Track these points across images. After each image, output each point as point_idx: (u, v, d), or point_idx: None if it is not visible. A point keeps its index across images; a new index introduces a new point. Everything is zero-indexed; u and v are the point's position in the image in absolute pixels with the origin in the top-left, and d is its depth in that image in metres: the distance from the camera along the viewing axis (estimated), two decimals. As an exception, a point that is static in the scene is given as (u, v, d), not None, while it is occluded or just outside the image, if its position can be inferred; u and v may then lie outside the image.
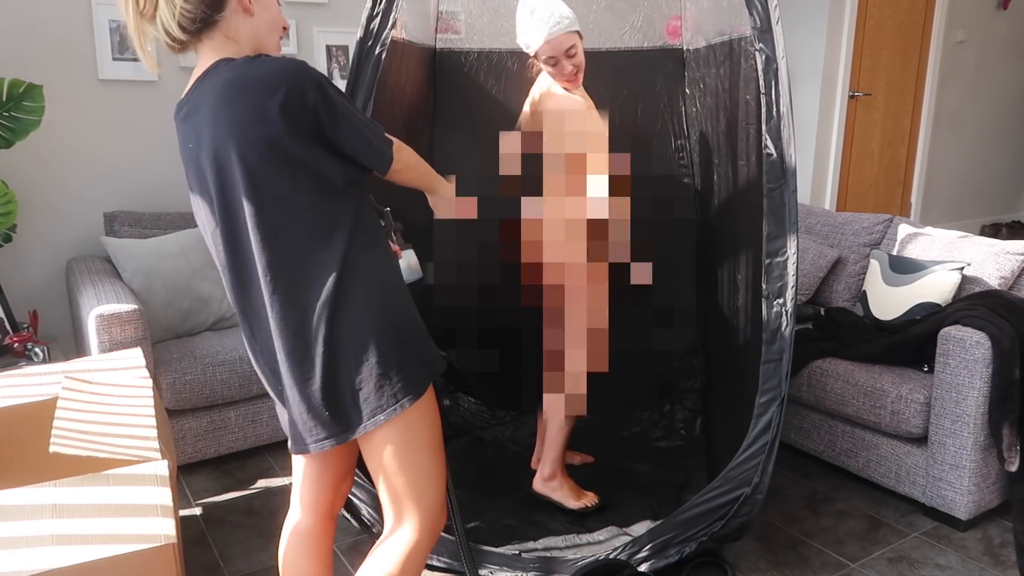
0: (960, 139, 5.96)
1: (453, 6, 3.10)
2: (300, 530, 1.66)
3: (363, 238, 1.43)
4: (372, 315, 1.41)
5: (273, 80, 1.31)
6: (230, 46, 1.40)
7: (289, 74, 1.32)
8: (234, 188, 1.36)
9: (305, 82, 1.32)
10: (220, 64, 1.36)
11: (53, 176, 3.18)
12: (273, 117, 1.30)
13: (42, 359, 2.80)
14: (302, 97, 1.31)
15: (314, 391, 1.41)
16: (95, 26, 3.16)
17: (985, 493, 2.47)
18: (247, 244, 1.40)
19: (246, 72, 1.33)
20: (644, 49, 3.08)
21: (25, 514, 1.54)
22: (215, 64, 1.37)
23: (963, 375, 2.39)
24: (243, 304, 1.47)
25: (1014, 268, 2.79)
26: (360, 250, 1.42)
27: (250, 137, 1.31)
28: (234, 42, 1.40)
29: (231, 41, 1.40)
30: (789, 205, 2.06)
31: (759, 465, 2.06)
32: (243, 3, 1.40)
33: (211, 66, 1.37)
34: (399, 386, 1.42)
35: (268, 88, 1.30)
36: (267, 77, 1.32)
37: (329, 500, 1.66)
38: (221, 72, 1.35)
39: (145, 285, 2.89)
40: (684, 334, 3.10)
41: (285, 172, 1.34)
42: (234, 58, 1.38)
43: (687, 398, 3.12)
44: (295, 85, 1.31)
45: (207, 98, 1.35)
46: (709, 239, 2.97)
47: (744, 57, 2.33)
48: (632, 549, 2.12)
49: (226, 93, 1.32)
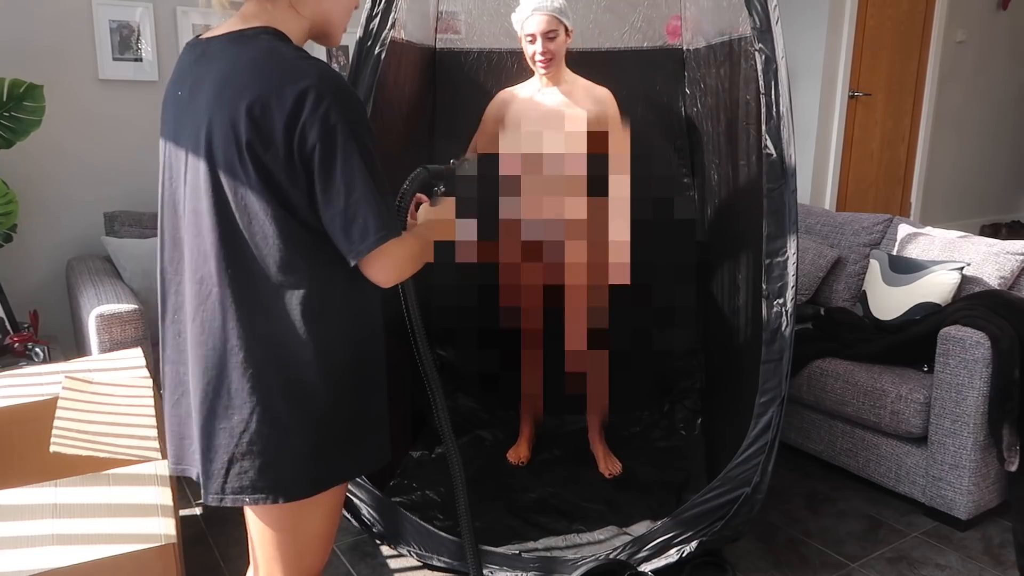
0: (960, 139, 5.96)
1: (453, 6, 3.10)
2: None
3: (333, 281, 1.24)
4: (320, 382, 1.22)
5: (292, 85, 1.12)
6: (288, 15, 1.22)
7: (315, 88, 1.12)
8: (198, 164, 1.18)
9: (326, 105, 1.12)
10: (259, 32, 1.18)
11: (53, 176, 3.18)
12: (272, 125, 1.13)
13: (42, 359, 2.80)
14: (308, 120, 1.12)
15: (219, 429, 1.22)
16: (95, 26, 3.16)
17: (985, 493, 2.47)
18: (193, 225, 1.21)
19: (271, 60, 1.15)
20: (644, 49, 3.08)
21: (25, 514, 1.54)
22: (257, 30, 1.19)
23: (963, 375, 2.39)
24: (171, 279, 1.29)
25: (1014, 268, 2.79)
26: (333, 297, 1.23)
27: (231, 127, 1.13)
28: (296, 13, 1.22)
29: (292, 11, 1.22)
30: (789, 205, 2.06)
31: (759, 465, 2.06)
32: None
33: (251, 29, 1.19)
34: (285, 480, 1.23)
35: (281, 91, 1.12)
36: (289, 79, 1.12)
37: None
38: (254, 43, 1.17)
39: (145, 285, 2.89)
40: (684, 334, 3.10)
41: (245, 178, 1.15)
42: (283, 34, 1.20)
43: (687, 398, 3.12)
44: (312, 101, 1.12)
45: (222, 62, 1.17)
46: (709, 239, 2.97)
47: (744, 57, 2.33)
48: (632, 549, 2.12)
49: (242, 73, 1.14)
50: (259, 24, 1.19)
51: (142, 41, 3.25)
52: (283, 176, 1.15)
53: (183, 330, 1.27)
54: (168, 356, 1.31)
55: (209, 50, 1.20)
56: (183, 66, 1.24)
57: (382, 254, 1.20)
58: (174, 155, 1.24)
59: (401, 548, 2.27)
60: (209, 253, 1.19)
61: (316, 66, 1.15)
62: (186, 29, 3.32)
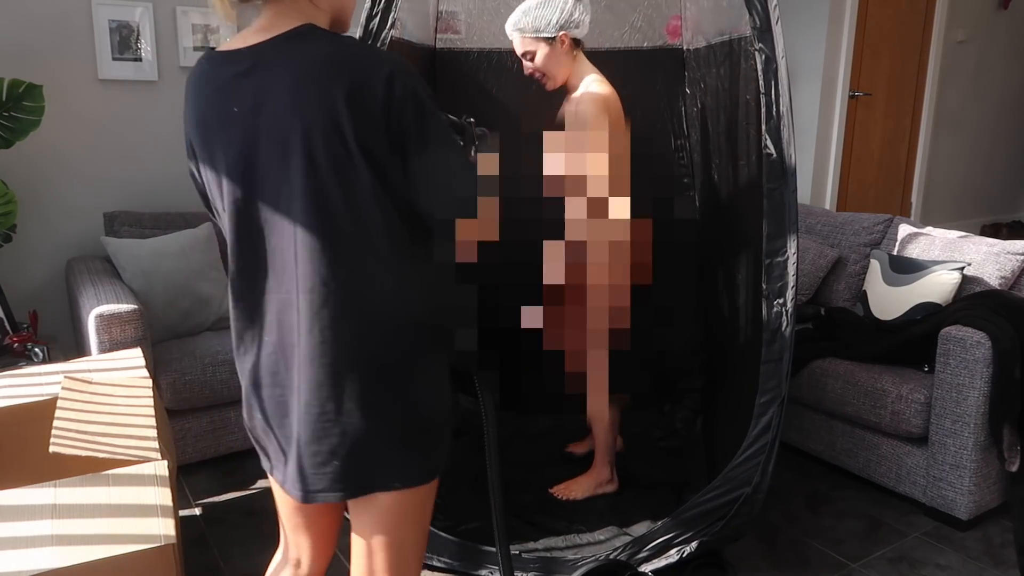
0: (960, 139, 5.96)
1: (453, 6, 3.09)
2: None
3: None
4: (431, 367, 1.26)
5: (378, 70, 1.13)
6: (310, 10, 1.21)
7: (396, 69, 1.14)
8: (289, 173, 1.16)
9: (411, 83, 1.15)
10: (309, 29, 1.17)
11: (53, 176, 3.18)
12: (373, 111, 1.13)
13: (42, 359, 2.80)
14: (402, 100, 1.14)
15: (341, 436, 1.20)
16: (95, 26, 3.15)
17: (985, 493, 2.47)
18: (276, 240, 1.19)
19: (347, 51, 1.15)
20: (644, 49, 3.07)
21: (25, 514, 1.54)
22: (304, 28, 1.17)
23: (963, 375, 2.38)
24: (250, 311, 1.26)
25: (1014, 268, 2.78)
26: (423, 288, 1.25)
27: (331, 123, 1.13)
28: (316, 8, 1.22)
29: (312, 5, 1.22)
30: (789, 205, 2.06)
31: (759, 465, 2.06)
32: None
33: (297, 28, 1.17)
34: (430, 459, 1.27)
35: (371, 77, 1.13)
36: (372, 64, 1.14)
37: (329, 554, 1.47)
38: (313, 39, 1.16)
39: (145, 285, 2.89)
40: (684, 334, 3.10)
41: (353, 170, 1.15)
42: (322, 27, 1.20)
43: (687, 398, 3.12)
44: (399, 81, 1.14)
45: (289, 63, 1.15)
46: (709, 239, 2.97)
47: (744, 57, 2.32)
48: (632, 549, 2.12)
49: (324, 67, 1.13)
50: (294, 24, 1.18)
51: (142, 41, 3.24)
52: (387, 161, 1.16)
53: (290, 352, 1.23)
54: (265, 382, 1.26)
55: (261, 59, 1.16)
56: (222, 82, 1.19)
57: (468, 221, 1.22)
58: (245, 173, 1.19)
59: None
60: (317, 260, 1.17)
61: (385, 53, 1.18)
62: (186, 29, 3.32)
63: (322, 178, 1.14)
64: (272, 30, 1.18)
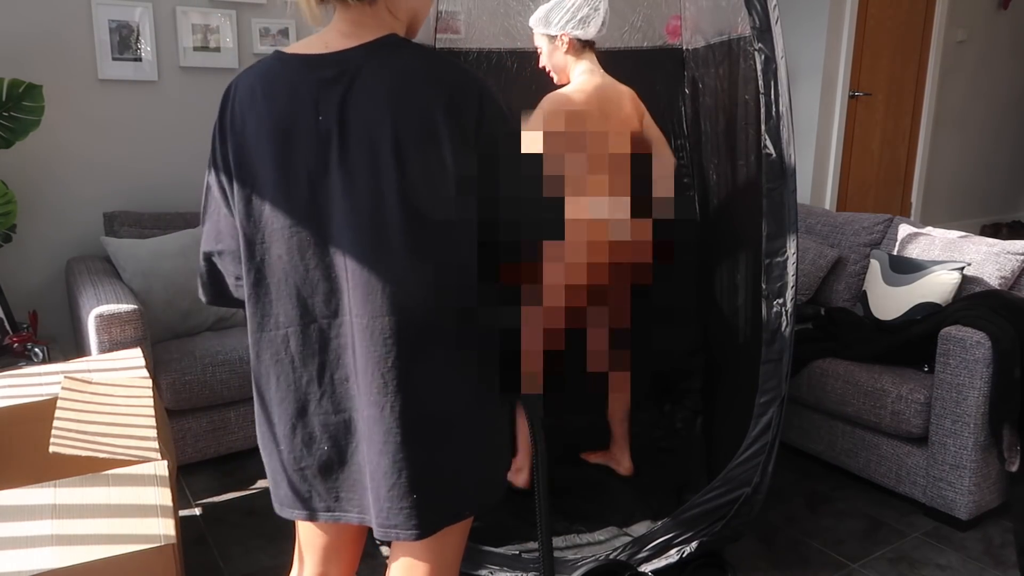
0: (960, 139, 5.96)
1: (453, 6, 3.09)
2: None
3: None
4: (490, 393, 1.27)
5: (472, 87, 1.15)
6: (390, 20, 1.20)
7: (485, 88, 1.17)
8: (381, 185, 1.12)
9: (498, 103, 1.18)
10: (397, 40, 1.17)
11: (53, 176, 3.18)
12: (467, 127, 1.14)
13: (42, 359, 2.80)
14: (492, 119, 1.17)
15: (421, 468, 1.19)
16: (95, 26, 3.15)
17: (985, 493, 2.47)
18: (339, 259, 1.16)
19: (442, 66, 1.15)
20: (644, 49, 3.07)
21: (25, 514, 1.54)
22: (391, 38, 1.17)
23: (963, 375, 2.38)
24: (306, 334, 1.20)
25: (1014, 268, 2.78)
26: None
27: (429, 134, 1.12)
28: (394, 17, 1.21)
29: (390, 15, 1.20)
30: (788, 205, 2.06)
31: (759, 465, 2.06)
32: None
33: (385, 38, 1.16)
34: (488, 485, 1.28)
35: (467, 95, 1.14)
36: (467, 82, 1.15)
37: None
38: (405, 51, 1.16)
39: (145, 285, 2.89)
40: (684, 334, 3.10)
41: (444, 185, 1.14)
42: (406, 38, 1.21)
43: (687, 398, 3.12)
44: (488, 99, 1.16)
45: (381, 73, 1.12)
46: (709, 239, 2.97)
47: (743, 57, 2.32)
48: (632, 549, 2.12)
49: (422, 81, 1.13)
50: (379, 34, 1.17)
51: (142, 41, 3.24)
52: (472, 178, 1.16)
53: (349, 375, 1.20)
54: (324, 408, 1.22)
55: (349, 66, 1.13)
56: (305, 86, 1.14)
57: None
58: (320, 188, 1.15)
59: (401, 548, 2.27)
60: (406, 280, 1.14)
61: (470, 69, 1.20)
62: (186, 29, 3.32)
63: (410, 193, 1.12)
64: (356, 37, 1.15)
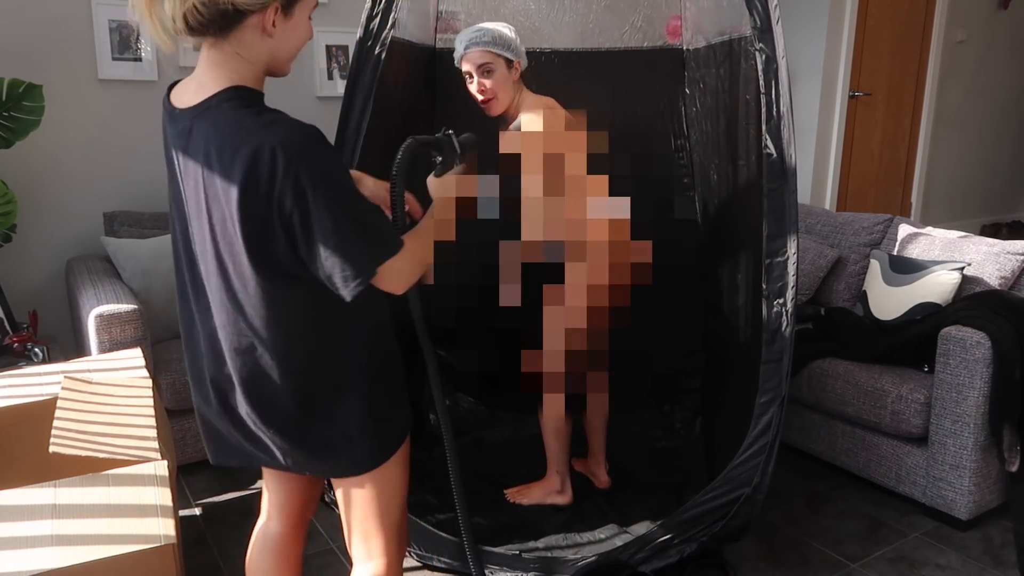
0: (960, 139, 5.96)
1: (453, 6, 3.09)
2: (269, 536, 1.65)
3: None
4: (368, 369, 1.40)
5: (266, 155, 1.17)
6: (237, 64, 1.25)
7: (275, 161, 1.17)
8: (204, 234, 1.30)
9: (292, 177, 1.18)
10: (224, 99, 1.23)
11: (53, 176, 3.18)
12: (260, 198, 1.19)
13: (42, 359, 2.80)
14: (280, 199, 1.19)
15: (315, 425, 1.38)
16: (95, 26, 3.15)
17: (985, 493, 2.47)
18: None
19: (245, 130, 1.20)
20: (644, 49, 3.07)
21: (25, 514, 1.54)
22: (222, 95, 1.23)
23: (963, 375, 2.38)
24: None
25: (1014, 268, 2.78)
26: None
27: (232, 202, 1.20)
28: (243, 60, 1.25)
29: (240, 58, 1.25)
30: (789, 205, 2.06)
31: (759, 465, 2.06)
32: (264, 24, 1.23)
33: (216, 95, 1.23)
34: (383, 440, 1.46)
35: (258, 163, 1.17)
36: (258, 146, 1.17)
37: (299, 506, 1.64)
38: (224, 112, 1.22)
39: (145, 285, 2.89)
40: (684, 334, 3.10)
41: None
42: (241, 89, 1.24)
43: (687, 398, 3.12)
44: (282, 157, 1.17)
45: (204, 137, 1.23)
46: (709, 239, 2.97)
47: (744, 57, 2.32)
48: (632, 549, 2.12)
49: (222, 153, 1.20)
50: (219, 87, 1.24)
51: (141, 41, 3.24)
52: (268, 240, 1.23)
53: None
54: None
55: (189, 126, 1.26)
56: (170, 132, 1.31)
57: (380, 279, 1.29)
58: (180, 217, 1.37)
59: (401, 548, 2.27)
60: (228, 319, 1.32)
61: (278, 128, 1.19)
62: (186, 29, 3.32)
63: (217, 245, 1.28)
64: (204, 90, 1.25)
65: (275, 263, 1.25)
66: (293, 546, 1.66)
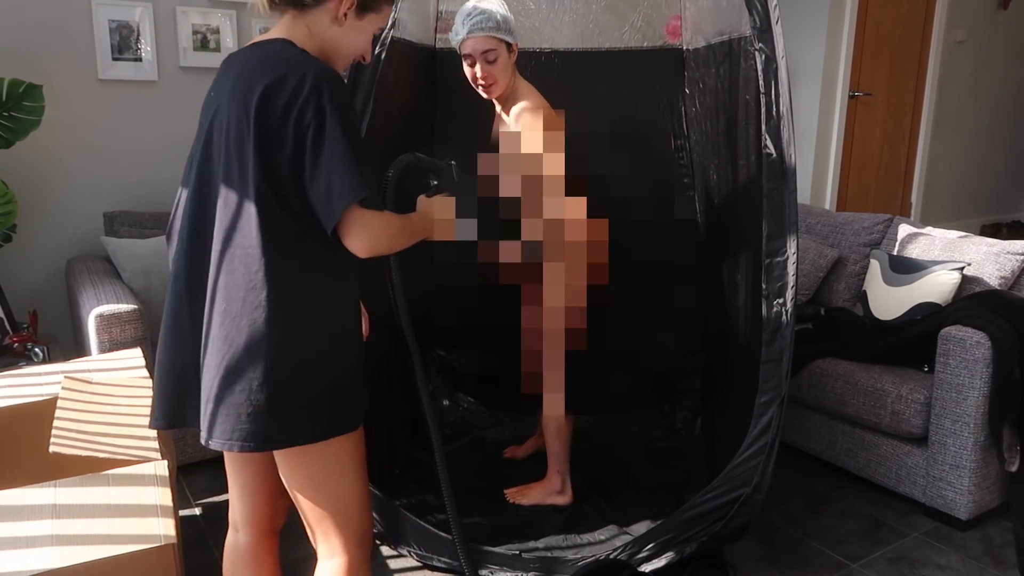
0: (960, 139, 5.96)
1: (453, 6, 3.09)
2: (239, 549, 1.60)
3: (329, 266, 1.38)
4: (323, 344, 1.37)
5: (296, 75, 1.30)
6: (304, 35, 1.39)
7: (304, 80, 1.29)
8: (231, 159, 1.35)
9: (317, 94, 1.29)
10: (281, 40, 1.37)
11: (53, 176, 3.18)
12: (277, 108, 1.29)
13: (42, 359, 2.80)
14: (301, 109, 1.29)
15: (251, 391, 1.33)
16: (95, 26, 3.15)
17: (985, 493, 2.47)
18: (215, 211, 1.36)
19: (286, 55, 1.33)
20: (644, 49, 3.08)
21: (25, 514, 1.54)
22: (279, 40, 1.37)
23: (963, 375, 2.38)
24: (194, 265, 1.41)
25: (1014, 268, 2.78)
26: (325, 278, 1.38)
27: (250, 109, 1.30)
28: (311, 36, 1.40)
29: (307, 32, 1.39)
30: (789, 205, 2.06)
31: (759, 465, 2.06)
32: (338, 11, 1.39)
33: (271, 39, 1.38)
34: (329, 421, 1.39)
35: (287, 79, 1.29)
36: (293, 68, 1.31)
37: (267, 515, 1.59)
38: (273, 45, 1.36)
39: (145, 285, 2.89)
40: (684, 334, 3.10)
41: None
42: (294, 43, 1.37)
43: (687, 398, 3.12)
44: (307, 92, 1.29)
45: (245, 61, 1.36)
46: (709, 239, 2.97)
47: (744, 57, 2.32)
48: (632, 549, 2.12)
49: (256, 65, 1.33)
50: (279, 36, 1.39)
51: (141, 41, 3.25)
52: (278, 154, 1.29)
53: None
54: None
55: (232, 58, 1.41)
56: (218, 74, 1.43)
57: (355, 221, 1.31)
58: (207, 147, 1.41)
59: (401, 548, 2.27)
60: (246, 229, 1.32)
61: (315, 61, 1.34)
62: (186, 29, 3.32)
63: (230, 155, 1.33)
64: (264, 35, 1.40)
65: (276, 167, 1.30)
66: (265, 557, 1.61)
